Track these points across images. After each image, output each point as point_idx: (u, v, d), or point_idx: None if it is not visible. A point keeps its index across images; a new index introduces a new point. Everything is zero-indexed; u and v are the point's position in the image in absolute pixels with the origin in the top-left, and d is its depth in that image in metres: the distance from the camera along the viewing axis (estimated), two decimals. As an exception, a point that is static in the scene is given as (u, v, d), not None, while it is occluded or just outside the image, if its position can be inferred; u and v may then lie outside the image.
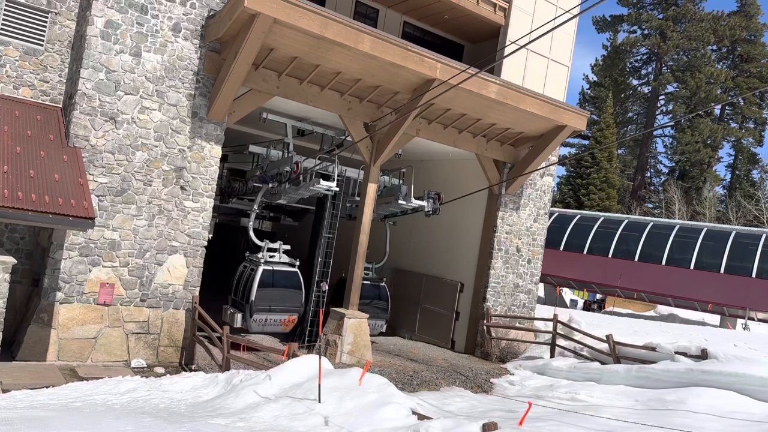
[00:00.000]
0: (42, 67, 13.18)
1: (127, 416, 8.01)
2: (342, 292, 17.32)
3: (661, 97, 59.36)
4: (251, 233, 15.79)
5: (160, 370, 12.60)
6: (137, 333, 12.92)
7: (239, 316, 15.09)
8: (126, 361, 12.63)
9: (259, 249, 15.76)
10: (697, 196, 51.71)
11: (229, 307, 15.79)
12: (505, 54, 11.82)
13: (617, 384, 14.57)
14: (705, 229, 29.55)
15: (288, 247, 16.07)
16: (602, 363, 15.79)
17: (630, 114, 62.12)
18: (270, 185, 15.75)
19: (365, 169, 16.32)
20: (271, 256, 15.57)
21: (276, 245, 15.83)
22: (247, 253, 16.19)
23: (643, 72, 60.79)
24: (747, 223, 46.04)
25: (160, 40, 12.93)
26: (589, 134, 52.14)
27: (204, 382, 10.84)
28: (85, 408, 8.88)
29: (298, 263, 15.78)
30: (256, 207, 15.97)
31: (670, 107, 58.12)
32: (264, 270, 15.15)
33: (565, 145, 56.18)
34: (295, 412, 8.94)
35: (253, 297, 14.80)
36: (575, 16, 9.34)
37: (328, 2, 16.90)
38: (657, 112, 59.44)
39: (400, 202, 17.21)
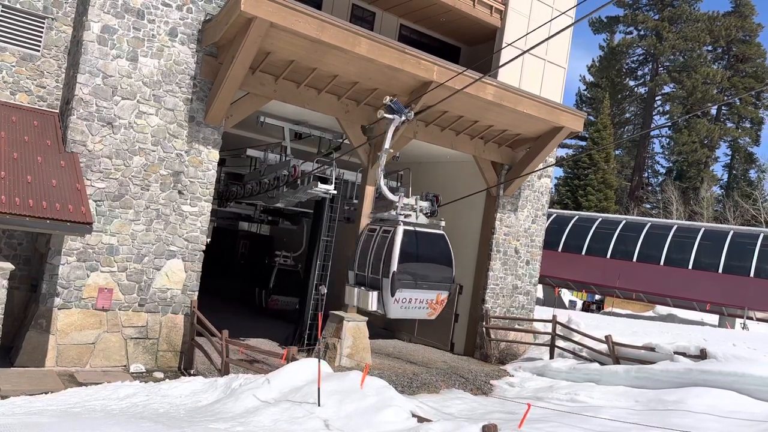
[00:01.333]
0: (39, 73, 13.17)
1: (126, 421, 8.00)
2: (264, 276, 20.18)
3: (657, 98, 59.51)
4: (382, 183, 12.39)
5: (159, 374, 12.58)
6: (136, 338, 12.89)
7: (374, 295, 11.84)
8: (125, 366, 12.61)
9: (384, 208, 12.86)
10: (695, 196, 51.79)
11: (353, 286, 12.54)
12: (506, 61, 11.87)
13: (617, 385, 14.57)
14: (703, 229, 29.59)
15: (425, 203, 12.71)
16: (601, 364, 15.79)
17: (627, 115, 62.27)
18: (403, 118, 12.28)
19: (363, 171, 16.31)
20: (406, 215, 12.17)
21: (411, 200, 12.45)
22: (375, 213, 13.19)
23: (640, 73, 60.98)
24: (744, 222, 46.10)
25: (157, 44, 12.93)
26: (587, 135, 52.22)
27: (203, 386, 10.82)
28: (84, 413, 8.86)
29: (443, 223, 12.55)
30: (388, 145, 12.34)
31: (667, 108, 58.27)
32: (405, 231, 11.75)
33: (563, 146, 56.21)
34: (294, 415, 8.92)
35: (395, 267, 11.39)
36: (574, 23, 9.36)
37: (324, 5, 16.93)
38: (654, 113, 59.59)
39: (398, 204, 17.20)
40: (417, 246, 11.87)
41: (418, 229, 12.01)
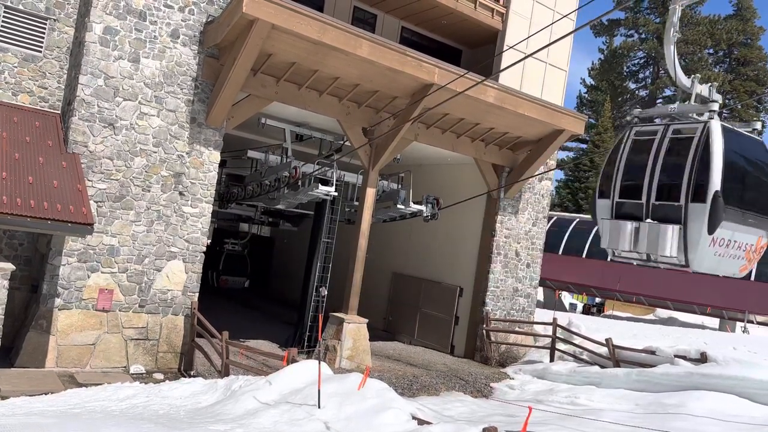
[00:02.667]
0: (40, 74, 13.19)
1: (127, 423, 8.00)
2: (215, 260, 21.93)
3: (659, 101, 59.49)
4: (674, 60, 9.03)
5: (159, 376, 12.58)
6: (136, 339, 12.89)
7: (673, 231, 7.64)
8: (125, 367, 12.61)
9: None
10: (696, 199, 51.72)
11: (616, 219, 8.64)
12: (508, 65, 11.82)
13: (617, 388, 14.56)
14: (703, 232, 29.49)
15: (719, 97, 9.14)
16: (602, 367, 15.78)
17: (628, 117, 62.24)
18: None
19: (364, 173, 16.33)
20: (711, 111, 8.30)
21: (705, 87, 9.13)
22: (636, 118, 9.56)
23: (641, 76, 60.97)
24: (745, 226, 46.04)
25: (159, 46, 12.95)
26: (588, 138, 52.22)
27: (203, 388, 10.82)
28: (84, 414, 8.86)
29: (759, 125, 8.65)
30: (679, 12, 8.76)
31: (668, 111, 58.23)
32: (726, 130, 8.03)
33: (564, 149, 56.13)
34: (294, 417, 8.91)
35: (717, 186, 7.48)
36: (577, 29, 9.34)
37: (326, 8, 16.94)
38: (655, 116, 59.53)
39: (398, 206, 17.21)
40: (742, 157, 7.89)
41: (738, 129, 8.08)
